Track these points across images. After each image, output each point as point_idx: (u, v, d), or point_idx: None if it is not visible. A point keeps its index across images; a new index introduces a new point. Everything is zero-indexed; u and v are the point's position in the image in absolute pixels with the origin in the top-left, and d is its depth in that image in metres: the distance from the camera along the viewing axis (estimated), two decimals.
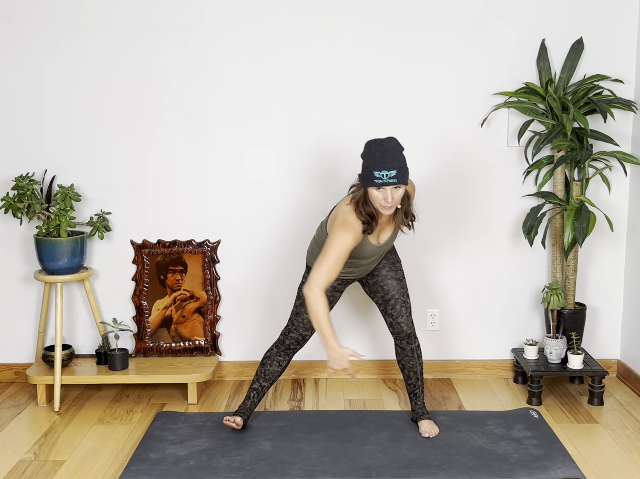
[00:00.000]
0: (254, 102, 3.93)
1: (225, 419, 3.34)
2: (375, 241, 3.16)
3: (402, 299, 3.32)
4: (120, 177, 3.99)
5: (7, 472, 3.08)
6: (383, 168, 2.90)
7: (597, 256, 4.08)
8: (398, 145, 2.98)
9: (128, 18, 3.86)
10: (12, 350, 4.12)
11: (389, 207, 2.96)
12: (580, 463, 3.12)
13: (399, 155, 2.95)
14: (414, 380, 3.41)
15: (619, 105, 3.76)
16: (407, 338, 3.35)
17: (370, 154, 2.95)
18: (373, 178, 2.92)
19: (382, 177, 2.90)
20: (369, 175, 2.93)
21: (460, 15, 3.87)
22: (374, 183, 2.92)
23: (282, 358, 3.40)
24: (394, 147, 2.95)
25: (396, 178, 2.92)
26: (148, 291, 4.03)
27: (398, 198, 2.98)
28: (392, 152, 2.93)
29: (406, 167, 2.97)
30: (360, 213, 3.02)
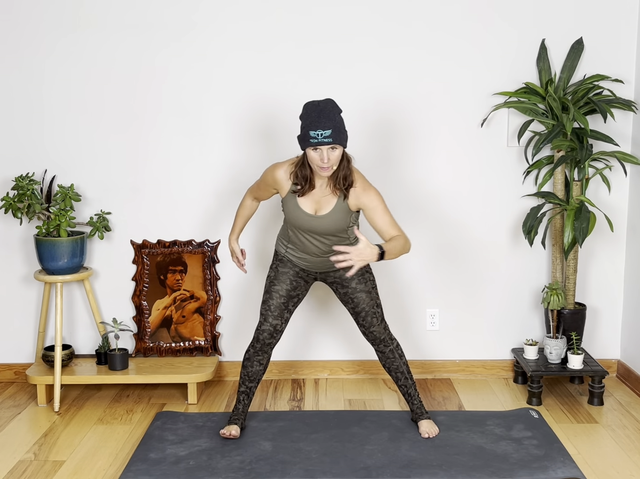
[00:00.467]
0: (254, 101, 3.93)
1: (221, 433, 3.32)
2: (309, 210, 3.14)
3: (372, 311, 3.32)
4: (120, 177, 3.99)
5: (7, 472, 3.09)
6: (318, 127, 2.91)
7: (597, 256, 4.08)
8: (335, 106, 2.98)
9: (128, 17, 3.86)
10: (12, 350, 4.12)
11: (326, 167, 2.97)
12: (580, 463, 3.12)
13: (335, 116, 2.95)
14: (404, 380, 3.41)
15: (619, 105, 3.76)
16: (383, 342, 3.37)
17: (307, 114, 2.97)
18: (309, 138, 2.93)
19: (317, 136, 2.91)
20: (306, 135, 2.95)
21: (460, 15, 3.87)
22: (310, 143, 2.94)
23: (260, 356, 3.35)
24: (331, 108, 2.96)
25: (331, 137, 2.92)
26: (148, 291, 4.03)
27: (335, 159, 2.98)
28: (328, 112, 2.93)
29: (344, 129, 2.97)
30: (296, 175, 3.09)
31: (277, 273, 3.34)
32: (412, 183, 4.01)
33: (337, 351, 4.13)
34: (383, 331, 3.36)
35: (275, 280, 3.33)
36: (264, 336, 3.32)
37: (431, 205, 4.02)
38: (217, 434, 3.35)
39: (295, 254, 3.31)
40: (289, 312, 3.37)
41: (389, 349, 3.37)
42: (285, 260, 3.34)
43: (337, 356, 4.14)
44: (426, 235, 4.04)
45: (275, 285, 3.33)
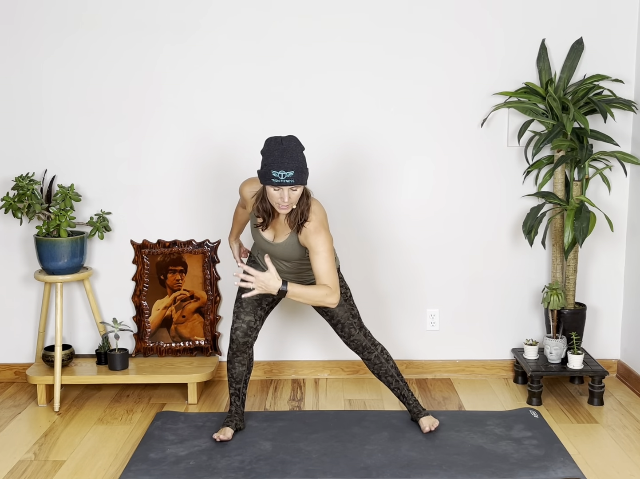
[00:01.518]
0: (254, 101, 3.93)
1: (214, 436, 3.30)
2: (268, 236, 3.15)
3: (348, 322, 3.33)
4: (120, 177, 3.99)
5: (7, 472, 3.08)
6: (281, 168, 2.88)
7: (597, 256, 4.08)
8: (298, 145, 2.96)
9: (129, 19, 3.86)
10: (12, 350, 4.12)
11: (285, 206, 2.96)
12: (580, 463, 3.12)
13: (298, 155, 2.92)
14: (395, 383, 3.42)
15: (619, 105, 3.76)
16: (367, 349, 3.37)
17: (269, 152, 2.93)
18: (270, 177, 2.91)
19: (279, 176, 2.89)
20: (267, 173, 2.91)
21: (460, 15, 3.87)
22: (272, 182, 2.91)
23: (240, 357, 3.31)
24: (294, 147, 2.93)
25: (293, 179, 2.90)
26: (148, 291, 4.03)
27: (295, 199, 2.96)
28: (291, 151, 2.91)
29: (305, 168, 2.95)
30: (258, 209, 3.08)
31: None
32: (412, 183, 4.01)
33: (337, 351, 4.13)
34: (364, 338, 3.37)
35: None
36: (237, 334, 3.28)
37: (431, 204, 4.02)
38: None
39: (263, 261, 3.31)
40: (263, 310, 3.33)
41: (374, 355, 3.38)
42: (257, 261, 3.34)
43: (337, 356, 4.14)
44: (426, 235, 4.04)
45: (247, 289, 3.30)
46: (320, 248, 2.99)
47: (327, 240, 3.02)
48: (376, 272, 4.08)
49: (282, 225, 3.12)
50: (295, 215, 3.03)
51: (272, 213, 3.08)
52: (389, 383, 3.41)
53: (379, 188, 4.01)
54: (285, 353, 4.14)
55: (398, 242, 4.05)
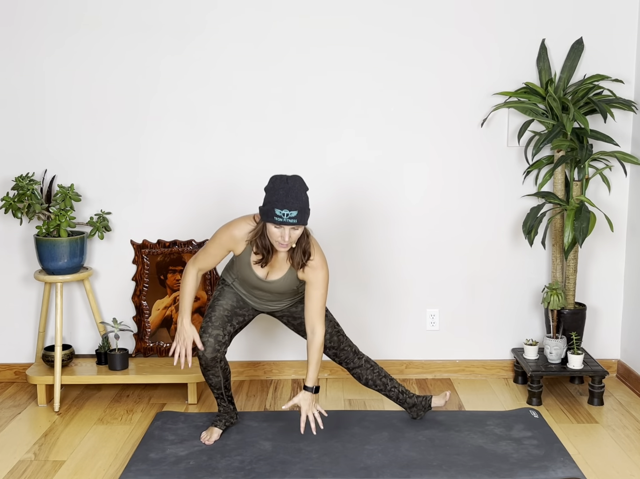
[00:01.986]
0: (253, 102, 3.93)
1: (202, 439, 3.30)
2: (261, 273, 3.12)
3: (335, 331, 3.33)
4: (120, 177, 3.99)
5: (7, 472, 3.09)
6: (285, 207, 2.88)
7: (597, 256, 4.08)
8: (303, 185, 2.96)
9: (129, 19, 3.86)
10: (12, 350, 4.12)
11: (284, 244, 2.95)
12: (580, 463, 3.12)
13: (302, 195, 2.93)
14: (390, 387, 3.43)
15: (619, 105, 3.76)
16: (351, 362, 3.37)
17: (274, 190, 2.92)
18: (273, 216, 2.89)
19: (282, 215, 2.88)
20: (270, 211, 2.90)
21: (460, 15, 3.87)
22: (274, 221, 2.90)
23: (212, 371, 3.20)
24: (299, 187, 2.93)
25: (296, 219, 2.90)
26: (148, 291, 4.03)
27: (295, 238, 2.96)
28: (296, 191, 2.91)
29: (308, 208, 2.96)
30: (257, 245, 3.03)
31: (223, 291, 3.28)
32: (412, 183, 4.01)
33: None
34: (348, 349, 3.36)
35: (220, 297, 3.27)
36: (205, 354, 3.15)
37: (431, 204, 4.02)
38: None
39: (242, 291, 3.27)
40: (233, 327, 3.25)
41: (359, 365, 3.38)
42: (233, 286, 3.30)
43: None
44: (426, 235, 4.04)
45: (219, 299, 3.26)
46: (320, 283, 3.08)
47: (327, 276, 3.11)
48: (376, 272, 4.08)
49: (279, 262, 3.11)
50: (298, 254, 3.04)
51: (271, 250, 3.05)
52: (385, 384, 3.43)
53: (379, 189, 4.01)
54: (286, 353, 4.14)
55: (398, 242, 4.05)
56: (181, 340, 3.20)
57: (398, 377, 4.11)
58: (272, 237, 2.96)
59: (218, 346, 3.17)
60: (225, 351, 3.21)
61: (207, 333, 3.18)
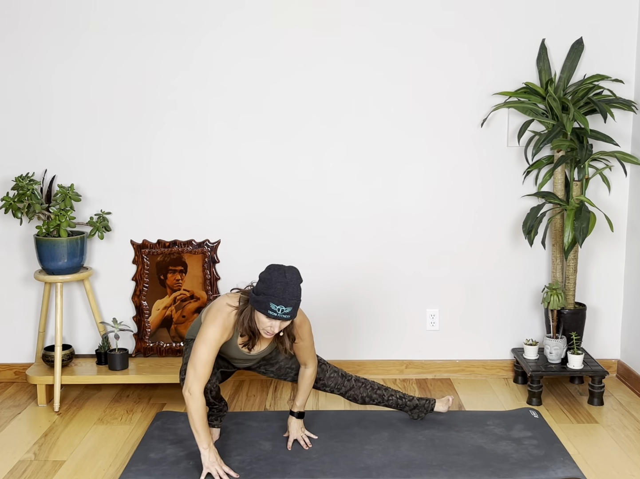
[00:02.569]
0: (253, 101, 3.93)
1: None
2: (245, 349, 3.08)
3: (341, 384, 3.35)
4: (120, 177, 3.99)
5: (7, 472, 3.08)
6: (281, 303, 2.82)
7: (597, 256, 4.08)
8: (299, 278, 2.91)
9: (129, 18, 3.86)
10: (12, 350, 4.12)
11: (271, 334, 2.92)
12: (580, 463, 3.12)
13: (297, 291, 2.88)
14: (387, 396, 3.42)
15: (619, 105, 3.76)
16: (342, 386, 3.35)
17: (271, 282, 2.84)
18: (268, 309, 2.83)
19: (277, 311, 2.83)
20: (265, 304, 2.83)
21: (460, 15, 3.87)
22: (267, 314, 2.84)
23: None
24: (295, 281, 2.88)
25: (290, 314, 2.87)
26: (148, 291, 4.03)
27: (283, 327, 2.94)
28: (292, 286, 2.85)
29: (300, 301, 2.91)
30: (242, 325, 2.94)
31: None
32: (412, 183, 4.01)
33: (337, 351, 4.13)
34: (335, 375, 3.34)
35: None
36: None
37: (431, 204, 4.02)
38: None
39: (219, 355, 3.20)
40: (218, 367, 3.17)
41: (349, 386, 3.36)
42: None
43: (337, 356, 4.13)
44: (426, 235, 4.04)
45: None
46: (306, 335, 3.10)
47: (310, 327, 3.13)
48: (376, 272, 4.07)
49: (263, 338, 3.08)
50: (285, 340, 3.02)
51: (257, 334, 2.99)
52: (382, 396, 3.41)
53: (378, 189, 4.01)
54: None
55: (398, 241, 4.05)
56: (211, 470, 2.95)
57: (398, 377, 4.12)
58: (260, 325, 2.90)
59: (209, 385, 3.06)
60: (217, 384, 3.11)
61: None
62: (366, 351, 4.13)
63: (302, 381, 3.23)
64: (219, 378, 3.16)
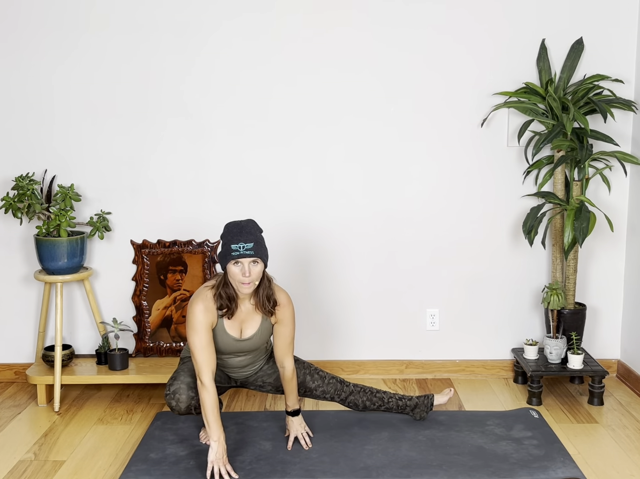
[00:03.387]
0: (254, 101, 3.93)
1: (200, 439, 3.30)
2: (235, 333, 3.06)
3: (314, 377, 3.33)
4: (120, 177, 3.99)
5: (7, 472, 3.09)
6: (240, 240, 2.89)
7: (597, 256, 4.08)
8: (256, 226, 2.99)
9: (129, 18, 3.86)
10: (12, 350, 4.12)
11: (247, 282, 2.91)
12: (580, 463, 3.12)
13: (256, 233, 2.95)
14: (387, 399, 3.43)
15: (619, 105, 3.76)
16: (342, 393, 3.35)
17: (228, 232, 2.95)
18: (230, 252, 2.89)
19: (239, 249, 2.88)
20: (227, 250, 2.90)
21: (460, 15, 3.87)
22: (231, 257, 2.88)
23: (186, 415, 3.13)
24: (252, 226, 2.97)
25: (253, 250, 2.89)
26: (148, 291, 4.03)
27: (256, 274, 2.93)
28: (249, 228, 2.94)
29: (264, 246, 2.96)
30: (220, 296, 2.97)
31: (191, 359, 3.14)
32: (412, 183, 4.01)
33: (337, 351, 4.13)
34: (331, 382, 3.34)
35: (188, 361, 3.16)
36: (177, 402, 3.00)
37: (431, 204, 4.02)
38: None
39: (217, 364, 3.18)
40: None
41: (350, 388, 3.37)
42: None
43: (337, 356, 4.14)
44: (426, 235, 4.04)
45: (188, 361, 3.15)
46: (288, 320, 3.12)
47: (293, 313, 3.14)
48: (377, 272, 4.08)
49: (249, 315, 3.08)
50: (262, 299, 3.03)
51: (235, 298, 3.00)
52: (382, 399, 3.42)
53: (378, 189, 4.01)
54: None
55: (398, 242, 4.05)
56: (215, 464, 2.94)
57: (398, 377, 4.12)
58: (234, 279, 2.93)
59: (192, 393, 3.02)
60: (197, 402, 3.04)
61: (179, 380, 3.04)
62: (366, 351, 4.13)
63: (285, 383, 3.18)
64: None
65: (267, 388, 3.35)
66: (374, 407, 3.43)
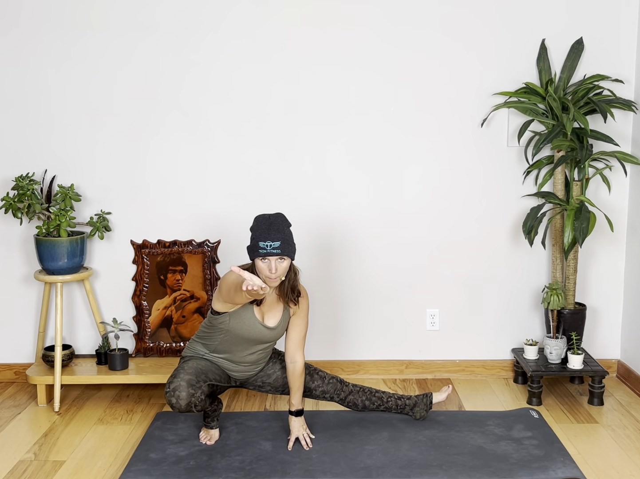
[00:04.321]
0: (254, 102, 3.93)
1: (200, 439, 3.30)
2: (260, 318, 3.11)
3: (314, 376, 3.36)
4: (120, 177, 3.99)
5: (7, 472, 3.09)
6: (267, 239, 2.94)
7: (597, 256, 4.08)
8: (285, 221, 3.03)
9: (128, 18, 3.86)
10: (12, 350, 4.12)
11: (273, 278, 2.97)
12: (580, 463, 3.12)
13: (284, 229, 3.00)
14: (386, 399, 3.44)
15: (619, 105, 3.76)
16: (341, 392, 3.37)
17: (257, 227, 3.00)
18: (258, 249, 2.95)
19: (266, 247, 2.94)
20: (255, 246, 2.97)
21: (460, 15, 3.87)
22: (259, 254, 2.95)
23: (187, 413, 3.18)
24: (281, 221, 3.01)
25: (280, 249, 2.95)
26: (148, 291, 4.03)
27: (282, 270, 2.99)
28: (277, 225, 2.99)
29: (292, 242, 3.02)
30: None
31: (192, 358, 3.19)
32: (412, 183, 4.01)
33: (337, 352, 4.13)
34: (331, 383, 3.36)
35: (190, 359, 3.17)
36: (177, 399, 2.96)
37: (430, 204, 4.02)
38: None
39: (223, 357, 3.21)
40: (208, 379, 3.11)
41: (349, 388, 3.39)
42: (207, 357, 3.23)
43: (337, 356, 4.14)
44: (426, 235, 4.04)
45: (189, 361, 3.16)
46: (304, 312, 3.21)
47: (308, 305, 3.25)
48: (377, 272, 4.07)
49: (272, 305, 3.14)
50: (287, 291, 3.10)
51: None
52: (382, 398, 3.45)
53: (378, 189, 4.01)
54: None
55: (398, 242, 4.05)
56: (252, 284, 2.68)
57: (398, 377, 4.12)
58: (261, 273, 2.99)
59: (192, 390, 2.98)
60: (202, 398, 3.01)
61: (179, 378, 3.00)
62: (366, 351, 4.13)
63: (293, 379, 3.22)
64: (205, 391, 3.04)
65: (267, 388, 3.36)
66: (373, 407, 3.43)
